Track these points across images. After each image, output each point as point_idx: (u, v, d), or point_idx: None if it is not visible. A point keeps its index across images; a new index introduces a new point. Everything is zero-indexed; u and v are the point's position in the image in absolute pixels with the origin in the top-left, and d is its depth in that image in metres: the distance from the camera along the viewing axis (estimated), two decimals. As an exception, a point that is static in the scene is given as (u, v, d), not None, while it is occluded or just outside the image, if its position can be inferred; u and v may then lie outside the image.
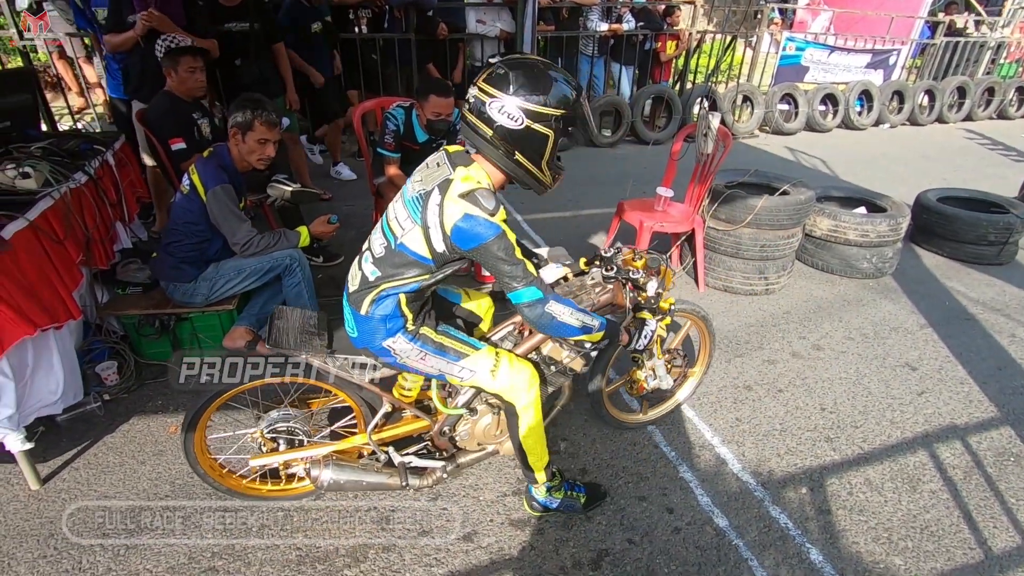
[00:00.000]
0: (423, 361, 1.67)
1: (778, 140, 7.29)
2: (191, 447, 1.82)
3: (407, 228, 1.53)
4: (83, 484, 2.06)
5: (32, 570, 1.76)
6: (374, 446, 1.89)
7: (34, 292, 1.95)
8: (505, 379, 1.70)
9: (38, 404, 2.01)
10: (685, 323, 2.39)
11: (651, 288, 1.90)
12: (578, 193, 5.12)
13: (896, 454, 2.35)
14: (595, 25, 6.34)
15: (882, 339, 3.14)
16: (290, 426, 1.90)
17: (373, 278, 1.59)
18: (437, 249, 1.50)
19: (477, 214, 1.43)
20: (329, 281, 3.48)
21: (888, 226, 3.58)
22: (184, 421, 1.79)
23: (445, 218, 1.45)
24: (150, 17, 3.17)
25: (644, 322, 1.88)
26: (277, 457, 1.90)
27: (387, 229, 1.60)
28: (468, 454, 1.99)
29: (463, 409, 1.88)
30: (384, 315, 1.60)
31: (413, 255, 1.53)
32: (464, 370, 1.68)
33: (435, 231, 1.48)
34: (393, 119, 3.12)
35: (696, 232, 3.42)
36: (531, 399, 1.73)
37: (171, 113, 2.96)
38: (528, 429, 1.77)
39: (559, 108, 1.44)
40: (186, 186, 2.41)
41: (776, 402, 2.62)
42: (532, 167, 1.52)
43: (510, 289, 1.52)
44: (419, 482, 1.91)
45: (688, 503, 2.09)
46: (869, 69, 8.28)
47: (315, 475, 1.81)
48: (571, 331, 1.61)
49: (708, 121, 3.16)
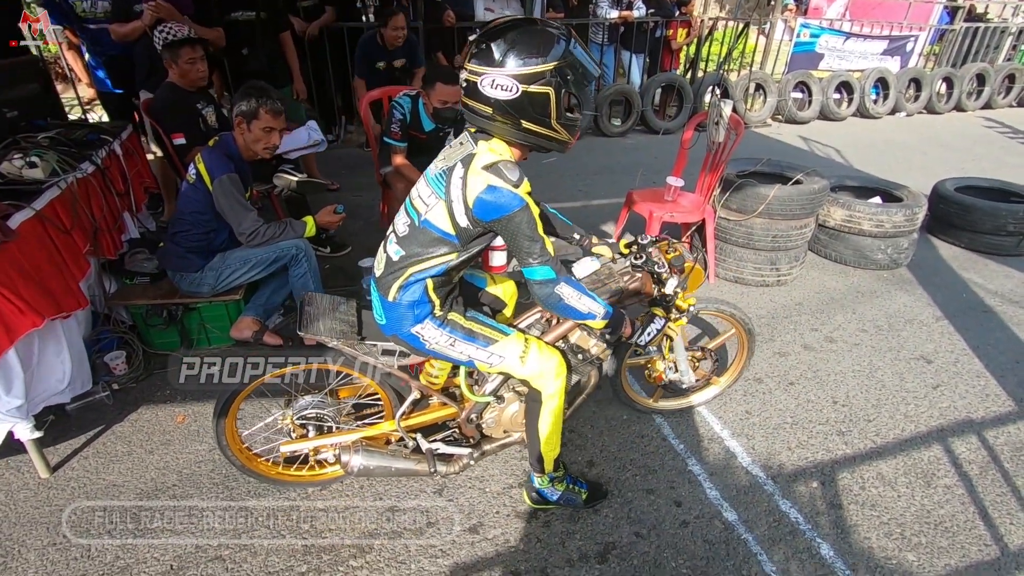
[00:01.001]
0: (452, 347, 1.65)
1: (791, 129, 7.17)
2: (222, 433, 1.84)
3: (431, 204, 1.51)
4: (92, 473, 2.08)
5: (42, 557, 1.78)
6: (402, 432, 1.89)
7: (41, 282, 1.96)
8: (534, 365, 1.68)
9: (46, 393, 2.02)
10: (729, 329, 2.34)
11: (670, 285, 1.86)
12: (588, 183, 5.07)
13: (910, 448, 2.31)
14: (605, 12, 6.25)
15: (896, 331, 3.09)
16: (320, 412, 1.91)
17: (397, 258, 1.58)
18: (460, 224, 1.48)
19: (501, 185, 1.41)
20: (337, 272, 3.47)
21: (904, 216, 3.50)
22: (216, 407, 1.80)
23: (468, 191, 1.43)
24: (158, 7, 3.15)
25: (652, 318, 1.85)
26: (308, 443, 1.91)
27: (411, 208, 1.59)
28: (494, 441, 1.99)
29: (490, 397, 1.86)
30: (412, 301, 1.59)
31: (437, 231, 1.51)
32: (493, 356, 1.66)
33: (458, 204, 1.46)
34: (400, 108, 3.09)
35: (707, 222, 3.36)
36: (558, 387, 1.72)
37: (174, 106, 2.94)
38: (550, 417, 1.76)
39: (550, 62, 1.37)
40: (192, 176, 2.40)
41: (787, 395, 2.59)
42: (543, 130, 1.45)
43: (525, 264, 1.50)
44: (446, 468, 1.91)
45: (696, 496, 2.06)
46: (885, 56, 8.09)
47: (345, 460, 1.82)
48: (575, 314, 1.60)
49: (720, 109, 3.09)
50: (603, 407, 2.44)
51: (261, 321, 2.60)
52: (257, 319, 2.59)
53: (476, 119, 1.47)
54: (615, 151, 6.09)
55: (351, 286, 3.23)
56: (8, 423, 1.84)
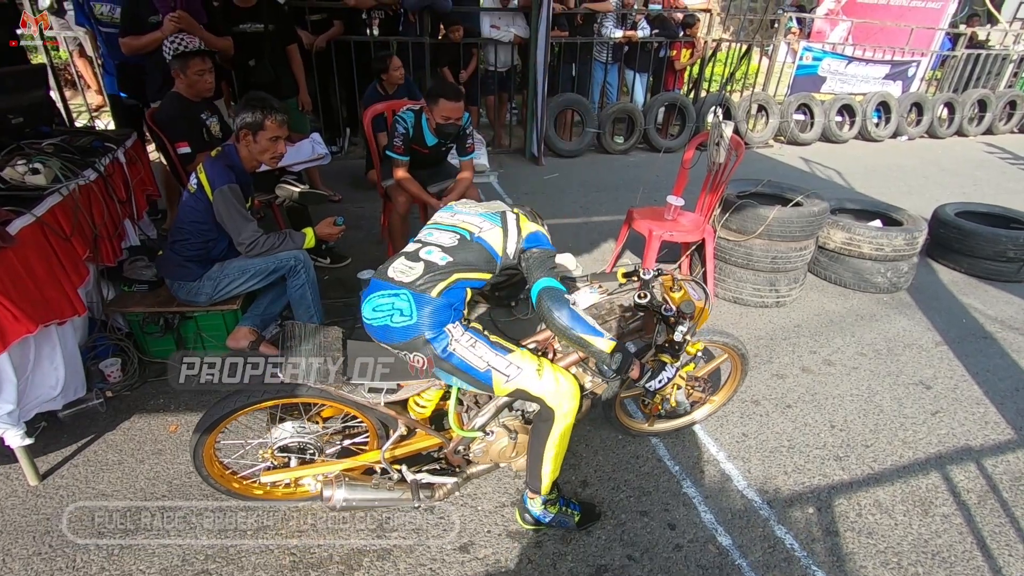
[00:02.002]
0: (473, 349, 1.65)
1: (793, 150, 7.21)
2: (200, 452, 1.79)
3: (485, 228, 1.78)
4: (81, 482, 2.06)
5: (27, 567, 1.76)
6: (386, 465, 1.86)
7: (38, 288, 1.96)
8: (550, 382, 1.68)
9: (39, 399, 2.01)
10: (721, 355, 2.32)
11: (680, 333, 1.79)
12: (589, 200, 5.09)
13: (908, 475, 2.28)
14: (609, 32, 6.32)
15: (896, 356, 3.07)
16: (303, 442, 1.87)
17: (444, 263, 1.70)
18: (508, 251, 1.76)
19: (546, 236, 1.85)
20: (336, 283, 3.47)
21: (904, 240, 3.50)
22: (199, 425, 1.75)
23: (522, 229, 1.80)
24: (180, 19, 3.19)
25: (663, 366, 1.79)
26: (289, 474, 1.88)
27: (455, 228, 1.80)
28: (479, 466, 1.96)
29: (478, 432, 1.85)
30: (451, 301, 1.68)
31: (489, 249, 1.74)
32: (511, 366, 1.66)
33: (512, 236, 1.78)
34: (403, 122, 3.11)
35: (706, 242, 3.37)
36: (571, 408, 1.72)
37: (180, 116, 2.96)
38: (559, 439, 1.75)
39: None
40: (193, 185, 2.41)
41: (784, 418, 2.57)
42: None
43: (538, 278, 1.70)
44: (431, 496, 1.88)
45: (691, 520, 2.04)
46: (887, 80, 8.17)
47: (328, 495, 1.79)
48: (582, 324, 1.63)
49: (721, 130, 3.11)
50: (598, 427, 2.42)
51: (258, 331, 2.59)
52: (254, 329, 2.58)
53: None
54: (617, 168, 6.12)
55: (349, 297, 3.23)
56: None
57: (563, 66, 6.42)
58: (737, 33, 8.07)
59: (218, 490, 1.92)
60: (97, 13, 3.44)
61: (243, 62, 3.86)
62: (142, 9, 3.28)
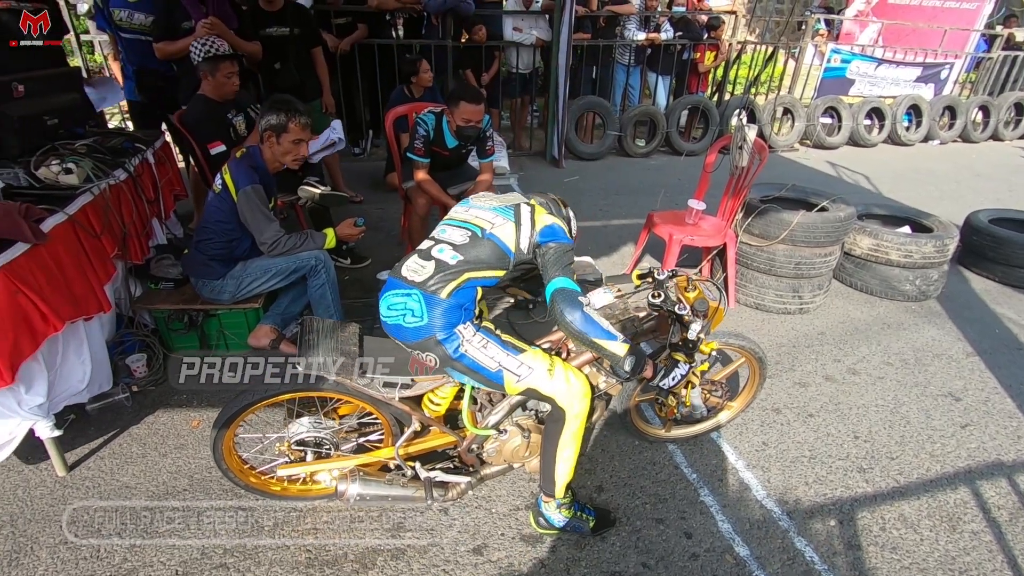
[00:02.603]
0: (484, 350, 1.66)
1: (819, 154, 7.07)
2: (220, 445, 1.83)
3: (498, 223, 1.73)
4: (106, 473, 2.11)
5: (53, 555, 1.81)
6: (400, 461, 1.87)
7: (67, 285, 2.02)
8: (561, 382, 1.68)
9: (67, 393, 2.07)
10: (738, 359, 2.29)
11: (693, 331, 1.79)
12: (609, 202, 5.06)
13: (935, 490, 2.21)
14: (632, 34, 6.28)
15: (924, 366, 2.99)
16: (318, 436, 1.90)
17: (455, 262, 1.68)
18: (521, 246, 1.71)
19: (563, 229, 1.76)
20: (355, 283, 3.51)
21: (934, 247, 3.41)
22: (217, 419, 1.79)
23: (537, 222, 1.73)
24: (212, 25, 3.28)
25: (676, 364, 1.79)
26: (305, 468, 1.91)
27: (467, 224, 1.75)
28: (493, 467, 1.96)
29: (492, 431, 1.85)
30: (461, 302, 1.68)
31: (501, 245, 1.70)
32: (523, 366, 1.67)
33: (525, 229, 1.72)
34: (424, 124, 3.14)
35: (728, 247, 3.32)
36: (583, 409, 1.71)
37: (208, 117, 3.04)
38: (570, 439, 1.75)
39: None
40: (218, 186, 2.46)
41: (806, 427, 2.51)
42: None
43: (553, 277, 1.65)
44: (444, 496, 1.89)
45: (708, 528, 2.01)
46: (919, 83, 7.96)
47: (342, 489, 1.81)
48: (598, 330, 1.61)
49: (744, 133, 3.07)
50: (615, 432, 2.40)
51: (279, 330, 2.63)
52: (275, 328, 2.62)
53: None
54: (638, 171, 6.08)
55: (368, 298, 3.26)
56: (30, 421, 1.89)
57: (584, 68, 6.40)
58: (763, 35, 7.95)
59: (237, 484, 1.95)
60: (116, 19, 3.48)
61: (269, 65, 3.93)
62: (176, 15, 3.37)
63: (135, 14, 3.47)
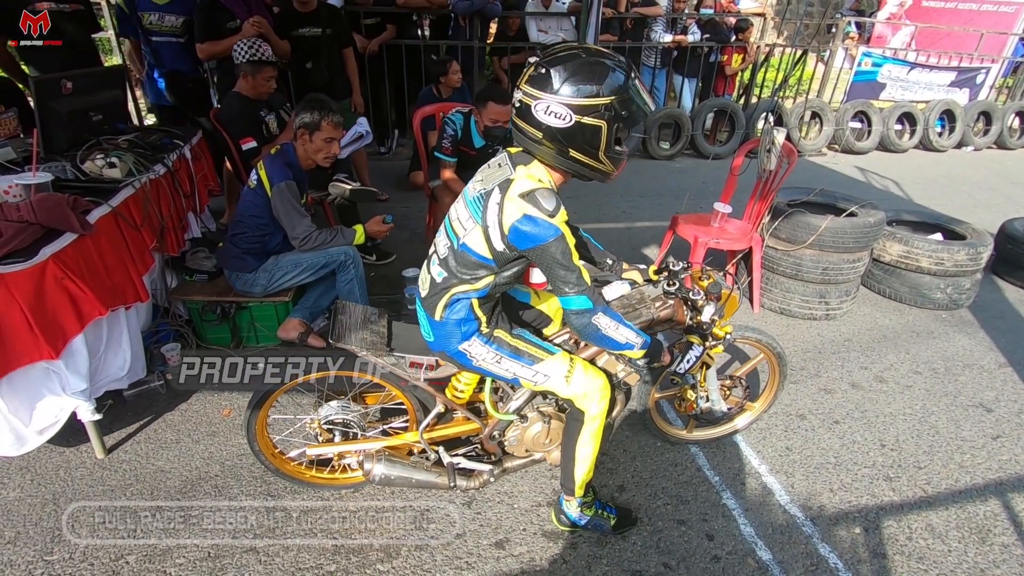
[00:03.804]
0: (498, 364, 1.66)
1: (848, 159, 6.96)
2: (252, 426, 1.89)
3: (468, 228, 1.53)
4: (142, 457, 2.19)
5: (93, 533, 1.88)
6: (425, 444, 1.91)
7: (109, 274, 2.10)
8: (579, 385, 1.68)
9: (108, 378, 2.15)
10: (757, 355, 2.29)
11: (706, 313, 1.84)
12: (633, 204, 5.05)
13: (964, 501, 2.18)
14: (659, 36, 6.26)
15: (954, 375, 2.93)
16: (346, 418, 1.95)
17: (440, 279, 1.60)
18: (496, 248, 1.49)
19: (536, 215, 1.40)
20: (381, 280, 3.56)
21: (967, 255, 3.34)
22: (251, 401, 1.85)
23: (504, 217, 1.44)
24: (260, 23, 3.39)
25: (690, 346, 1.82)
26: (333, 448, 1.96)
27: (450, 230, 1.61)
28: (515, 459, 1.99)
29: (513, 416, 1.87)
30: (458, 319, 1.61)
31: (475, 255, 1.52)
32: (539, 375, 1.66)
33: (494, 230, 1.46)
34: (452, 124, 3.18)
35: (754, 251, 3.29)
36: (601, 409, 1.71)
37: (242, 114, 3.14)
38: (589, 439, 1.75)
39: (607, 96, 1.36)
40: (253, 181, 2.53)
41: (831, 434, 2.49)
42: (590, 160, 1.45)
43: (561, 293, 1.50)
44: (466, 483, 1.92)
45: (730, 531, 2.00)
46: (953, 88, 7.78)
47: (368, 468, 1.86)
48: (613, 344, 1.58)
49: (772, 136, 3.04)
50: (636, 432, 2.41)
51: (307, 323, 2.69)
52: (303, 321, 2.68)
53: (523, 140, 1.48)
54: (662, 174, 6.05)
55: (393, 294, 3.31)
56: (73, 404, 1.96)
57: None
58: (792, 38, 7.85)
59: (268, 468, 2.00)
60: (146, 23, 3.49)
61: (300, 64, 4.01)
62: (220, 16, 3.46)
63: (166, 16, 3.50)
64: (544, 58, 1.39)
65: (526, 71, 1.42)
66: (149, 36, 3.57)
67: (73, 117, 2.55)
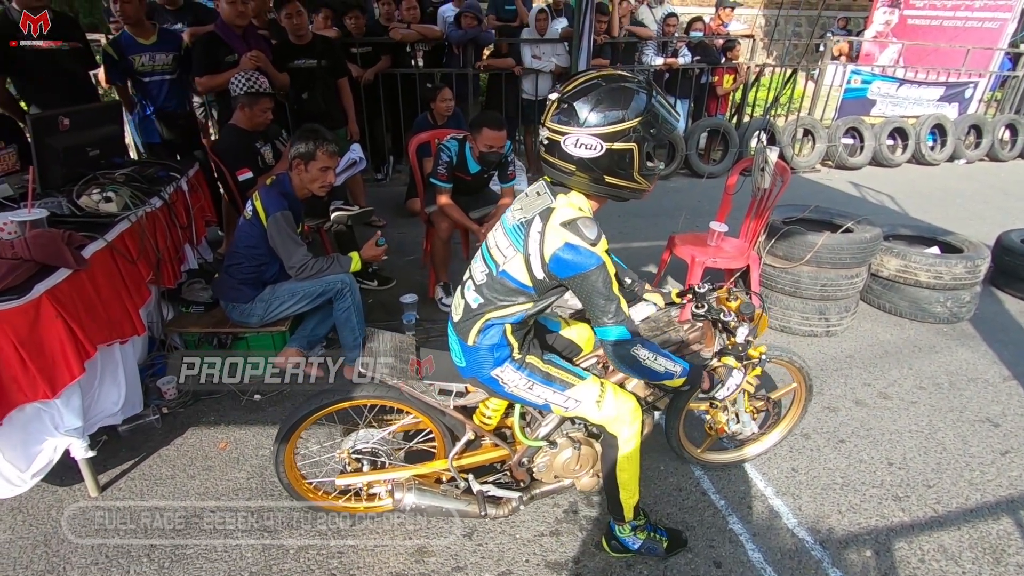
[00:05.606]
0: (530, 391, 1.66)
1: (841, 175, 7.01)
2: (281, 459, 1.87)
3: (509, 256, 1.54)
4: (136, 495, 2.14)
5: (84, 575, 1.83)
6: (454, 472, 1.89)
7: (105, 308, 2.08)
8: (610, 410, 1.67)
9: (102, 414, 2.12)
10: (791, 382, 2.27)
11: (741, 335, 1.80)
12: (629, 224, 5.06)
13: (976, 520, 2.13)
14: (650, 59, 6.36)
15: (959, 390, 2.90)
16: (374, 447, 1.93)
17: (476, 305, 1.61)
18: (537, 276, 1.50)
19: (578, 243, 1.41)
20: (378, 306, 3.55)
21: (965, 268, 3.33)
22: (278, 433, 1.84)
23: (546, 246, 1.45)
24: (258, 57, 3.44)
25: (731, 371, 1.76)
26: (362, 477, 1.93)
27: (488, 257, 1.62)
28: (543, 485, 1.96)
29: (543, 442, 1.84)
30: (491, 345, 1.61)
31: (515, 282, 1.53)
32: (570, 400, 1.66)
33: (535, 258, 1.47)
34: (447, 151, 3.20)
35: (751, 269, 3.29)
36: (634, 431, 1.70)
37: (238, 145, 3.18)
38: (626, 462, 1.73)
39: (634, 119, 1.38)
40: (249, 212, 2.53)
41: (837, 453, 2.45)
42: (625, 182, 1.47)
43: (600, 324, 1.49)
44: (496, 511, 1.89)
45: (737, 558, 1.96)
46: (942, 102, 7.88)
47: (398, 498, 1.83)
48: (653, 375, 1.57)
49: (765, 155, 3.07)
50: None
51: (304, 352, 2.67)
52: (300, 350, 2.66)
53: (556, 175, 1.50)
54: (657, 194, 6.02)
55: (391, 320, 3.30)
56: (66, 442, 1.93)
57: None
58: (781, 58, 7.98)
59: (295, 498, 1.97)
60: (138, 66, 3.50)
61: (297, 95, 4.07)
62: (218, 50, 3.52)
63: (156, 55, 3.52)
64: (565, 93, 1.41)
65: (548, 108, 1.45)
66: (141, 78, 3.58)
67: (70, 153, 2.56)
